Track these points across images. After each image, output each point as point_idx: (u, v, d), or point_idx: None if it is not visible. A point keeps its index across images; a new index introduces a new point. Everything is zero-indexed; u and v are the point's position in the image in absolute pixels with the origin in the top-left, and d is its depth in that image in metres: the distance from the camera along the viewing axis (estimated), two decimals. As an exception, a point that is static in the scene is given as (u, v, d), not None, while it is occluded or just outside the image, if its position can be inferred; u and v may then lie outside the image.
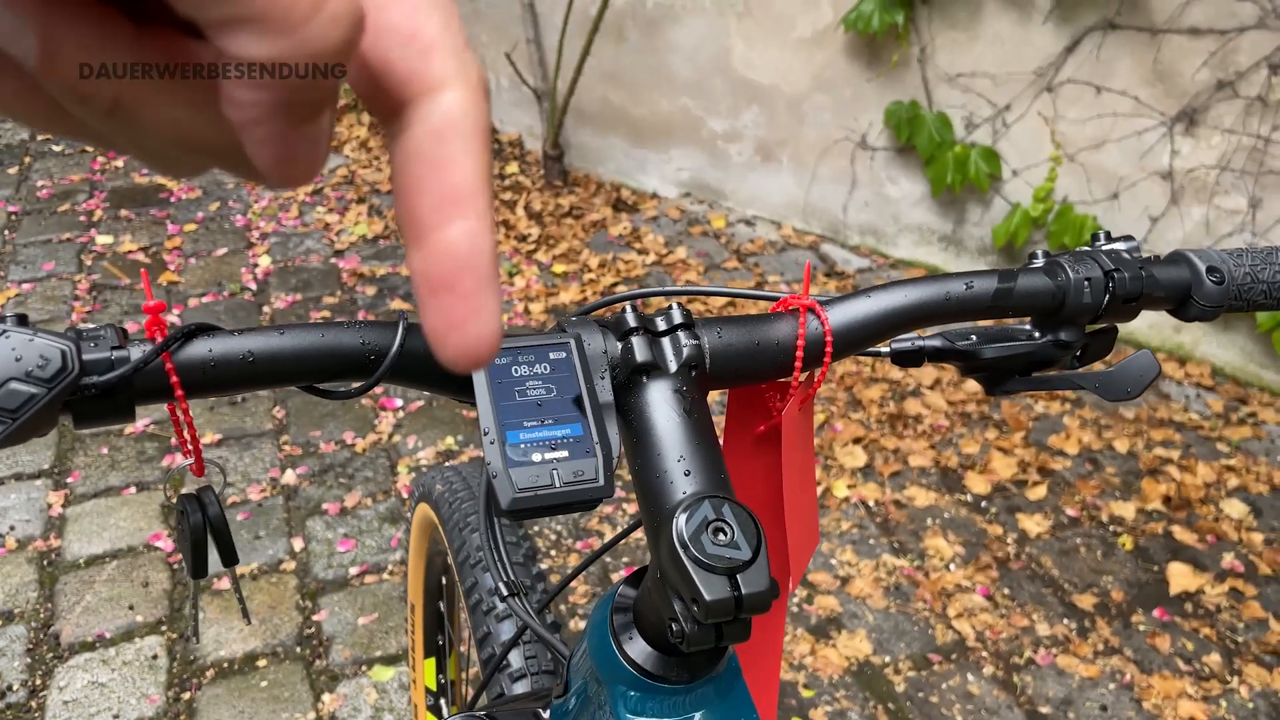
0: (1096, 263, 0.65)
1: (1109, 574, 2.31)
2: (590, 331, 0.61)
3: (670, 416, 0.58)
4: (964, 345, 0.66)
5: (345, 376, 0.56)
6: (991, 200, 3.25)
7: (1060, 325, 0.66)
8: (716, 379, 0.62)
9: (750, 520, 0.53)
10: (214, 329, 0.53)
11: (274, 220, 3.80)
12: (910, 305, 0.64)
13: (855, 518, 2.45)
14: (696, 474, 0.56)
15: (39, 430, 0.46)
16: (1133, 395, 0.65)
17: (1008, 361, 0.67)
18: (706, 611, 0.51)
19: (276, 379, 0.54)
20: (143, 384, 0.50)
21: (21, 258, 3.50)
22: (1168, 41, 2.76)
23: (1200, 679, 2.06)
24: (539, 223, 3.75)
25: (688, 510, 0.53)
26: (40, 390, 0.45)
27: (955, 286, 0.64)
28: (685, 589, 0.52)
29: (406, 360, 0.56)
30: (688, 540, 0.52)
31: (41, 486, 2.49)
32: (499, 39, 4.12)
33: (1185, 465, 2.60)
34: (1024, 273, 0.65)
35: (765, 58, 3.49)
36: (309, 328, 0.55)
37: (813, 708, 1.98)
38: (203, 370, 0.52)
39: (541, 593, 1.10)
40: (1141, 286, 0.65)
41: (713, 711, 0.62)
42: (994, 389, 0.68)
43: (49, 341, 0.46)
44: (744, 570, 0.52)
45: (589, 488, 0.53)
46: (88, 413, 0.49)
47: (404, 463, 2.59)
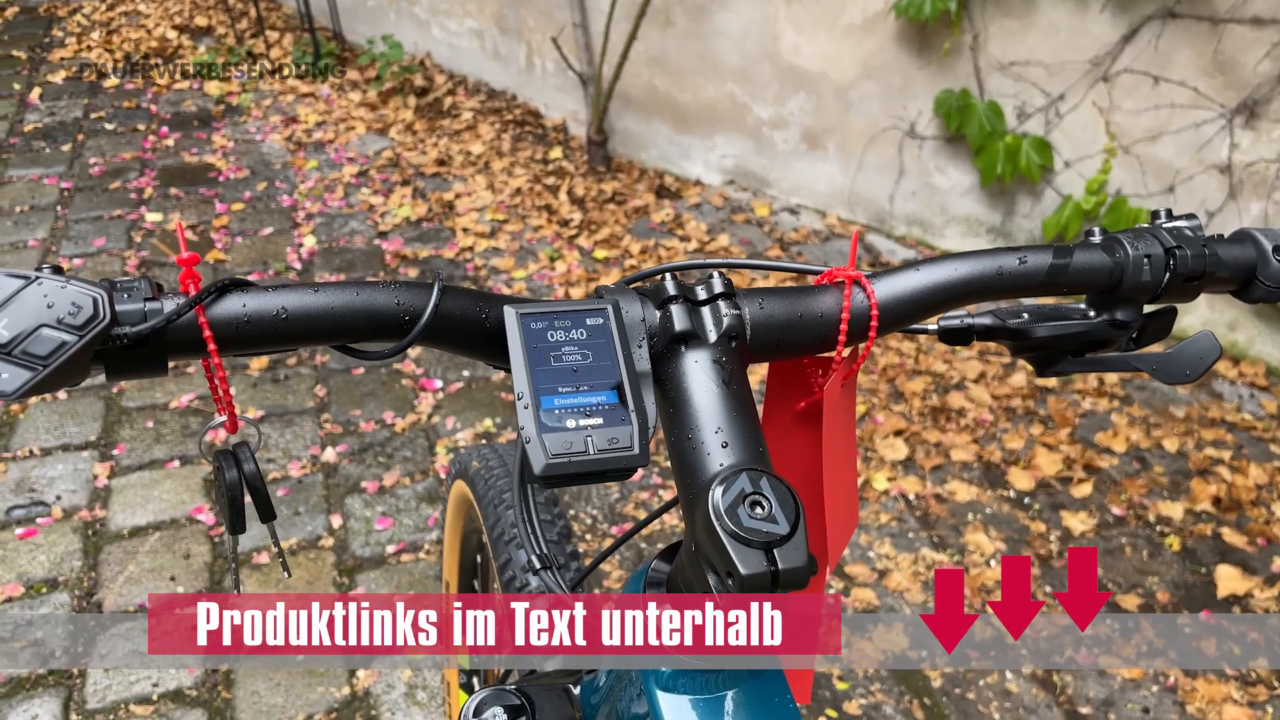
0: (1157, 239, 0.62)
1: (1155, 575, 2.26)
2: (629, 299, 0.59)
3: (708, 387, 0.57)
4: (1015, 324, 0.64)
5: (379, 337, 0.55)
6: (1042, 192, 3.19)
7: (1117, 304, 0.63)
8: (757, 351, 0.61)
9: (789, 494, 0.52)
10: (248, 284, 0.52)
11: (319, 201, 3.82)
12: (960, 280, 0.62)
13: (895, 511, 2.42)
14: (734, 446, 0.55)
15: (71, 379, 0.45)
16: (1192, 378, 0.62)
17: (1061, 341, 0.64)
18: (742, 586, 0.49)
19: (310, 337, 0.53)
20: (175, 337, 0.50)
21: (73, 233, 3.56)
22: (1229, 31, 2.68)
23: (1247, 684, 2.01)
24: (581, 208, 3.74)
25: (724, 482, 0.52)
26: (71, 337, 0.44)
27: (1008, 261, 0.62)
28: (720, 563, 0.51)
29: (441, 322, 0.55)
30: (724, 513, 0.51)
31: (88, 458, 2.53)
32: (545, 23, 4.11)
33: (1237, 466, 2.54)
34: (1080, 248, 0.63)
35: (814, 44, 3.45)
36: (344, 286, 0.54)
37: (847, 700, 1.96)
38: (236, 326, 0.51)
39: (575, 571, 1.09)
40: (1204, 265, 0.62)
41: (745, 689, 0.61)
42: (1045, 370, 0.66)
43: (81, 289, 0.45)
44: (781, 545, 0.50)
45: (624, 456, 0.52)
46: (119, 364, 0.49)
47: (442, 443, 2.60)
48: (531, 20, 4.22)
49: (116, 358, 0.48)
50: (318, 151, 4.22)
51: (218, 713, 1.91)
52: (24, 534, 2.30)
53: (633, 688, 0.65)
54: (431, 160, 4.12)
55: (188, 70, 4.92)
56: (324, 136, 4.34)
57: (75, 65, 5.02)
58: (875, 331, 0.61)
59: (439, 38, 4.83)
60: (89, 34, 5.39)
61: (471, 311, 0.57)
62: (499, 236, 3.57)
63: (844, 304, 0.61)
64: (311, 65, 4.89)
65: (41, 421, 2.64)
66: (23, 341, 0.43)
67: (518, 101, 4.55)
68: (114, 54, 5.16)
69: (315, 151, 4.22)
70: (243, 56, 5.03)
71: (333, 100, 4.66)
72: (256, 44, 5.14)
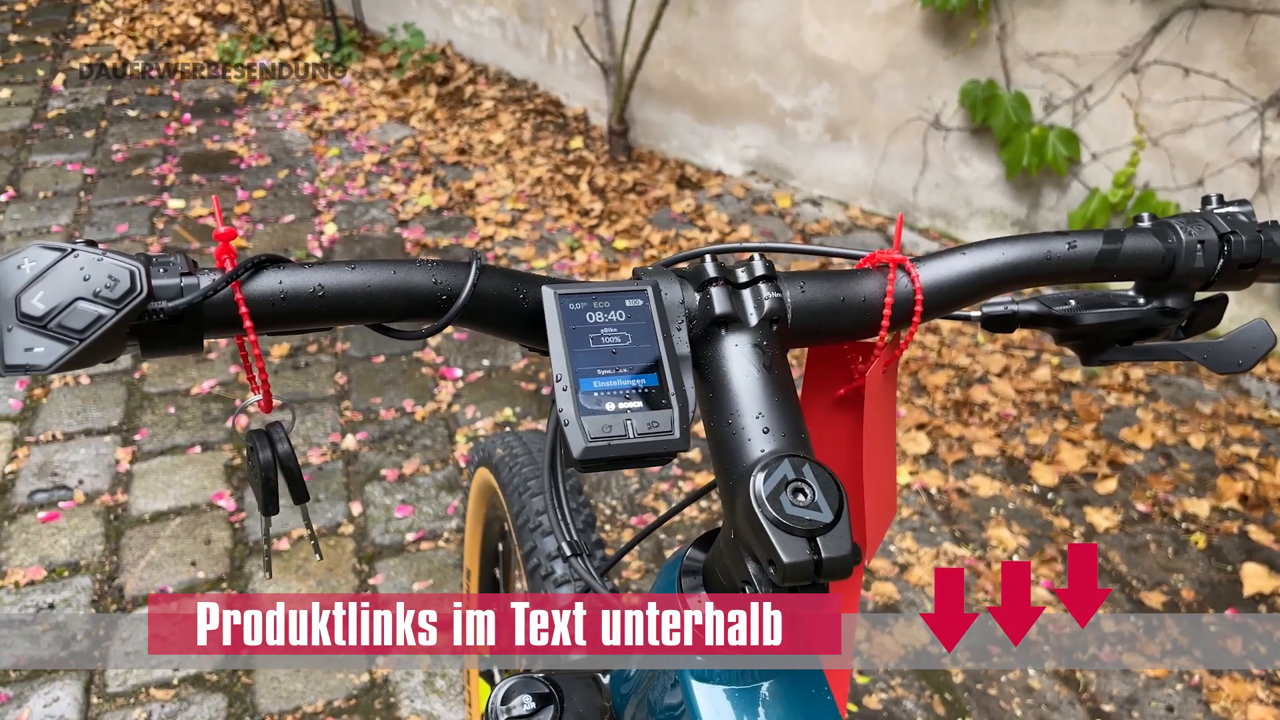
0: (1211, 225, 0.61)
1: (1180, 572, 2.24)
2: (668, 281, 0.58)
3: (749, 371, 0.55)
4: (1061, 310, 0.63)
5: (416, 317, 0.54)
6: (1068, 185, 3.15)
7: (1168, 291, 0.62)
8: (798, 335, 0.59)
9: (832, 481, 0.51)
10: (284, 261, 0.51)
11: (340, 189, 3.83)
12: (1008, 264, 0.60)
13: (917, 505, 2.40)
14: (775, 432, 0.54)
15: (107, 354, 0.45)
16: (1245, 368, 0.61)
17: (1108, 329, 0.63)
18: (784, 574, 0.48)
19: (347, 315, 0.52)
20: (211, 314, 0.49)
21: (96, 219, 3.57)
22: (1262, 23, 2.64)
23: (1273, 683, 1.99)
24: (602, 198, 3.72)
25: (766, 469, 0.51)
26: (108, 311, 0.44)
27: (1057, 246, 0.61)
28: (761, 550, 0.49)
29: (478, 302, 0.54)
30: (765, 500, 0.49)
31: (110, 443, 2.54)
32: (567, 12, 4.10)
33: (1264, 464, 2.51)
34: (1131, 233, 0.61)
35: (838, 34, 3.42)
36: (381, 264, 0.53)
37: (867, 694, 1.95)
38: (272, 303, 0.50)
39: (601, 559, 1.08)
40: (1260, 250, 0.60)
41: (781, 681, 0.60)
42: (1092, 358, 0.64)
43: (118, 262, 0.44)
44: (825, 533, 0.49)
45: (664, 440, 0.51)
46: (155, 340, 0.48)
47: (462, 432, 2.60)
48: (553, 9, 4.20)
49: (152, 333, 0.47)
50: (339, 139, 4.22)
51: (238, 698, 1.92)
52: (46, 518, 2.31)
53: (665, 678, 0.64)
54: (452, 149, 4.11)
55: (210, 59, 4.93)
56: (345, 125, 4.34)
57: (98, 52, 5.03)
58: (919, 317, 0.60)
59: (460, 26, 4.82)
60: (112, 21, 5.40)
61: (509, 292, 0.56)
62: (519, 226, 3.56)
63: (888, 288, 0.59)
64: (333, 53, 4.89)
65: (64, 406, 2.66)
66: (59, 314, 0.43)
67: (539, 91, 4.54)
68: (137, 41, 5.17)
69: (337, 139, 4.22)
70: (264, 44, 5.03)
71: (354, 88, 4.66)
72: (278, 31, 5.15)
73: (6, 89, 4.61)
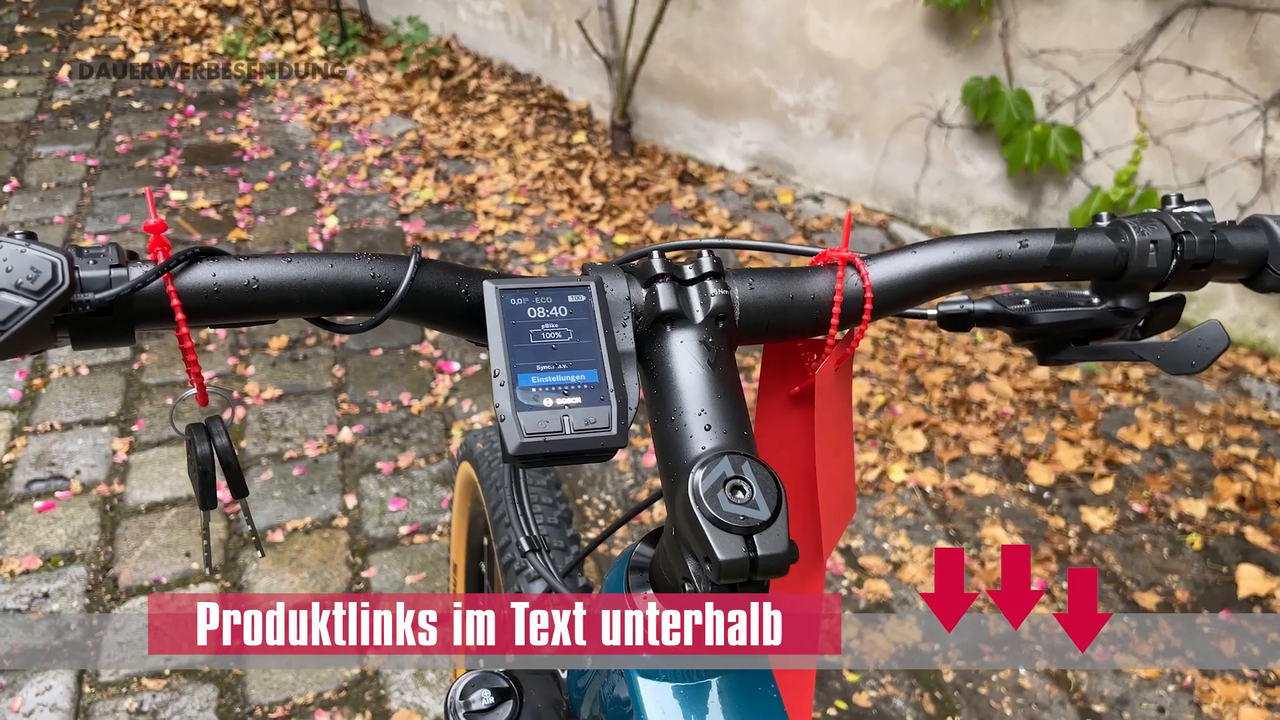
0: (1164, 224, 0.60)
1: (1174, 573, 2.23)
2: (613, 277, 0.58)
3: (693, 368, 0.55)
4: (1016, 309, 0.62)
5: (354, 310, 0.54)
6: (1070, 183, 3.14)
7: (1122, 291, 0.61)
8: (746, 332, 0.59)
9: (771, 479, 0.50)
10: (219, 253, 0.51)
11: (342, 182, 3.83)
12: (959, 263, 0.60)
13: (911, 503, 2.39)
14: (717, 429, 0.53)
15: (33, 345, 0.45)
16: (1198, 369, 0.60)
17: (1063, 329, 0.62)
18: (720, 572, 0.48)
19: (283, 308, 0.52)
20: (142, 306, 0.49)
21: (99, 210, 3.58)
22: (1266, 21, 2.62)
23: (1265, 685, 1.98)
24: (603, 193, 3.72)
25: (705, 466, 0.50)
26: (29, 302, 0.44)
27: (1009, 245, 0.60)
28: (699, 547, 0.49)
29: (418, 296, 0.54)
30: (703, 497, 0.49)
31: (107, 433, 2.55)
32: (571, 6, 4.09)
33: (1262, 465, 2.49)
34: (1084, 232, 0.61)
35: (841, 30, 3.41)
36: (318, 257, 0.53)
37: (857, 692, 1.94)
38: (205, 295, 0.50)
39: (573, 555, 1.08)
40: (1213, 251, 0.60)
41: (728, 677, 0.60)
42: (1048, 358, 0.64)
43: (41, 254, 0.44)
44: (761, 531, 0.49)
45: (601, 437, 0.51)
46: (84, 331, 0.48)
47: (458, 426, 2.60)
48: (557, 3, 4.20)
49: (80, 325, 0.47)
50: (342, 133, 4.23)
51: (229, 689, 1.93)
52: (43, 507, 2.32)
53: (615, 675, 0.64)
54: (455, 143, 4.11)
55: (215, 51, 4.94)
56: (348, 118, 4.34)
57: (104, 44, 5.05)
58: (869, 315, 0.59)
59: (465, 20, 4.82)
60: (118, 12, 5.42)
61: (450, 286, 0.56)
62: (520, 220, 3.56)
63: (837, 286, 0.59)
64: (338, 46, 4.89)
65: (63, 396, 2.67)
66: None
67: (542, 85, 4.53)
68: (143, 33, 5.18)
69: (339, 133, 4.23)
70: (269, 37, 5.04)
71: (358, 82, 4.66)
72: (284, 24, 5.15)
73: (12, 80, 4.63)
